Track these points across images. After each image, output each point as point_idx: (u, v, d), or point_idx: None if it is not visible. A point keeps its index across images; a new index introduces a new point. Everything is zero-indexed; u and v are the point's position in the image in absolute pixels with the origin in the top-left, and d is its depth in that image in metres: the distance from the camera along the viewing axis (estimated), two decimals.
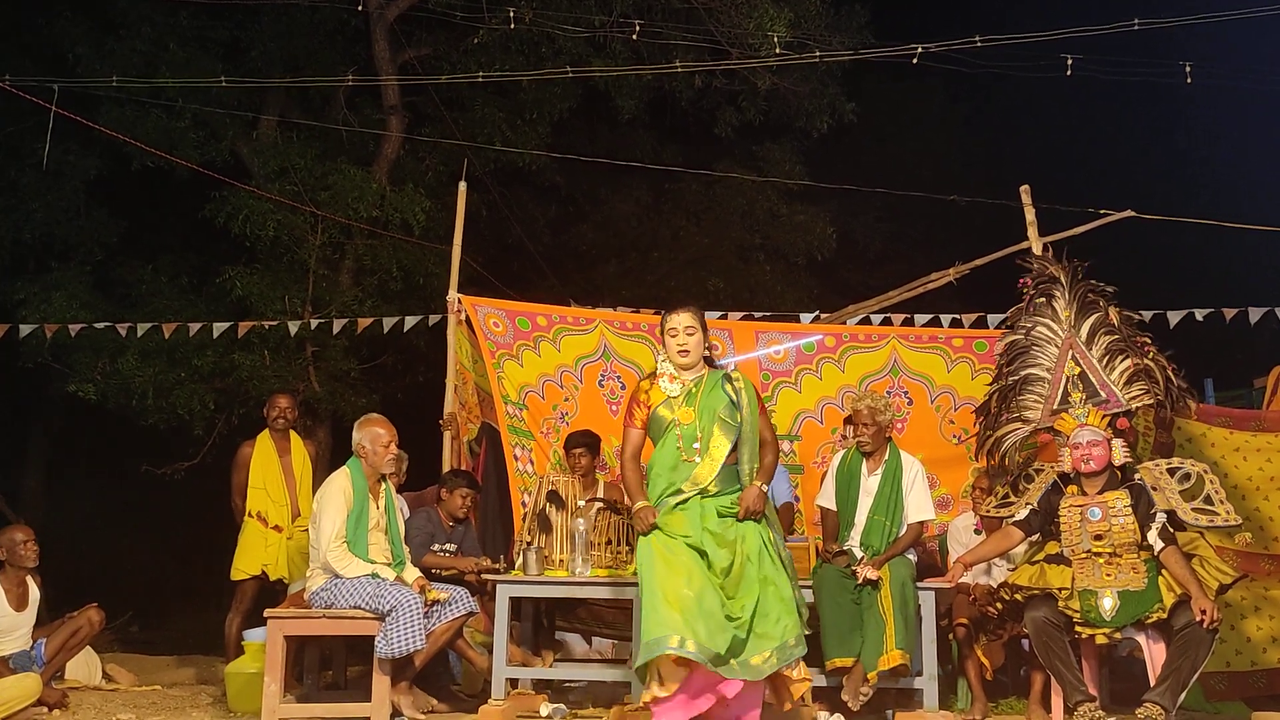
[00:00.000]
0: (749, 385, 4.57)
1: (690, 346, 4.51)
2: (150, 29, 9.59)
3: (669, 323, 4.55)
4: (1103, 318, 5.27)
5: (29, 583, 5.90)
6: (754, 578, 4.28)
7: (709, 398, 4.49)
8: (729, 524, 4.35)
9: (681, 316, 4.53)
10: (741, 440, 4.47)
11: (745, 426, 4.47)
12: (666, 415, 4.50)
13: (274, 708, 5.01)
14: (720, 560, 4.26)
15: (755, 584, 4.26)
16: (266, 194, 9.32)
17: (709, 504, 4.38)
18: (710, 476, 4.40)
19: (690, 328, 4.54)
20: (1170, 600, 4.68)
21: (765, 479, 4.47)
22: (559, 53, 10.33)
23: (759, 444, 4.52)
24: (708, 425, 4.44)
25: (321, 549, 5.14)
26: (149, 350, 9.02)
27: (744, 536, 4.33)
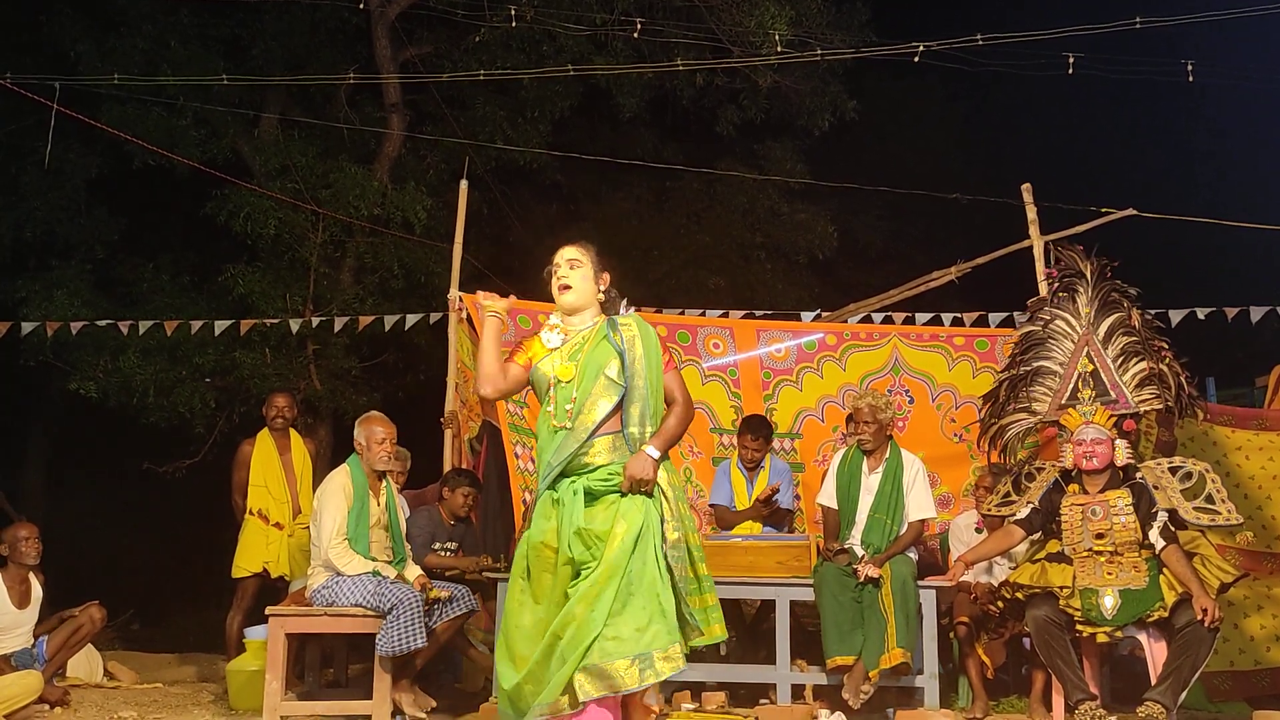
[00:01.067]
0: (646, 331, 3.72)
1: (573, 281, 3.73)
2: (151, 27, 9.58)
3: (554, 259, 3.81)
4: (1123, 318, 5.27)
5: (31, 580, 5.90)
6: (605, 579, 3.41)
7: (595, 352, 3.66)
8: (606, 506, 3.53)
9: (565, 249, 3.79)
10: (629, 398, 3.60)
11: (635, 380, 3.61)
12: (547, 372, 3.68)
13: (275, 705, 5.01)
14: (585, 562, 3.50)
15: (607, 587, 3.39)
16: (268, 192, 9.32)
17: (581, 484, 3.56)
18: (577, 447, 3.55)
19: (574, 260, 3.76)
20: (1171, 599, 4.68)
21: (663, 444, 3.59)
22: (560, 51, 10.32)
23: (658, 402, 3.67)
24: (588, 385, 3.60)
25: (322, 546, 5.15)
26: (150, 348, 9.02)
27: (619, 519, 3.48)
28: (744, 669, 5.82)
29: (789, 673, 5.46)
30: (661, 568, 3.46)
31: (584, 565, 3.45)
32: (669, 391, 3.70)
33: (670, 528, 3.52)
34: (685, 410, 3.69)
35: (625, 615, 3.36)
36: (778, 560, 5.60)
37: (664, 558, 3.48)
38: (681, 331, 7.01)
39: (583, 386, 3.60)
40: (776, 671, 5.46)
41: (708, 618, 3.61)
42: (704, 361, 6.93)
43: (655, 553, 3.46)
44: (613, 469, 3.54)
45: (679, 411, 3.68)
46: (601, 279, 3.77)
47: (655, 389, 3.64)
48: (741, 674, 5.76)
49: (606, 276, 3.79)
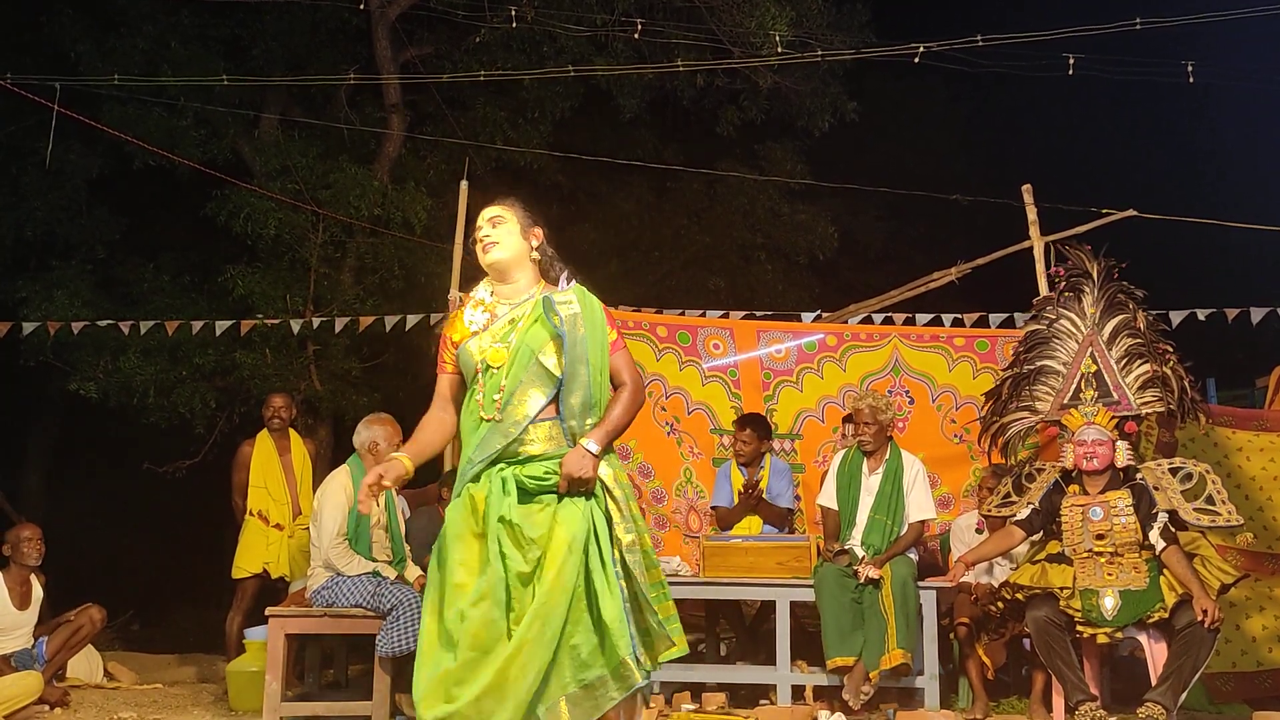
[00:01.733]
0: (590, 306, 3.24)
1: (498, 238, 3.27)
2: (152, 27, 9.57)
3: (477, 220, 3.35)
4: (1128, 320, 5.27)
5: (32, 581, 5.91)
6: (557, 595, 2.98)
7: (529, 334, 3.18)
8: (541, 508, 3.09)
9: (486, 209, 3.36)
10: (568, 388, 3.13)
11: (575, 367, 3.14)
12: (474, 355, 3.20)
13: (275, 706, 5.01)
14: (518, 564, 3.02)
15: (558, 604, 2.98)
16: (268, 192, 9.32)
17: (511, 475, 3.10)
18: (505, 443, 3.11)
19: (496, 216, 3.30)
20: (1172, 600, 4.68)
21: (605, 437, 3.15)
22: (560, 52, 10.32)
23: (603, 389, 3.21)
24: (519, 373, 3.14)
25: (323, 547, 5.15)
26: (150, 349, 9.02)
27: (558, 525, 3.05)
28: (744, 670, 5.82)
29: (789, 673, 5.46)
30: (610, 578, 3.04)
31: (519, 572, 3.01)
32: (616, 374, 3.24)
33: (622, 529, 3.10)
34: (633, 396, 3.24)
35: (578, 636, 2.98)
36: (778, 561, 5.60)
37: (618, 564, 3.07)
38: (682, 332, 7.01)
39: (513, 374, 3.14)
40: (777, 672, 5.46)
41: (674, 626, 3.17)
42: (704, 362, 6.93)
43: (602, 561, 3.04)
44: (549, 465, 3.10)
45: (625, 399, 3.22)
46: (532, 234, 3.32)
47: (599, 374, 3.19)
48: (742, 675, 5.76)
49: (539, 232, 3.34)
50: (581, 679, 2.97)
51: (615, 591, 3.03)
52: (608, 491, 3.13)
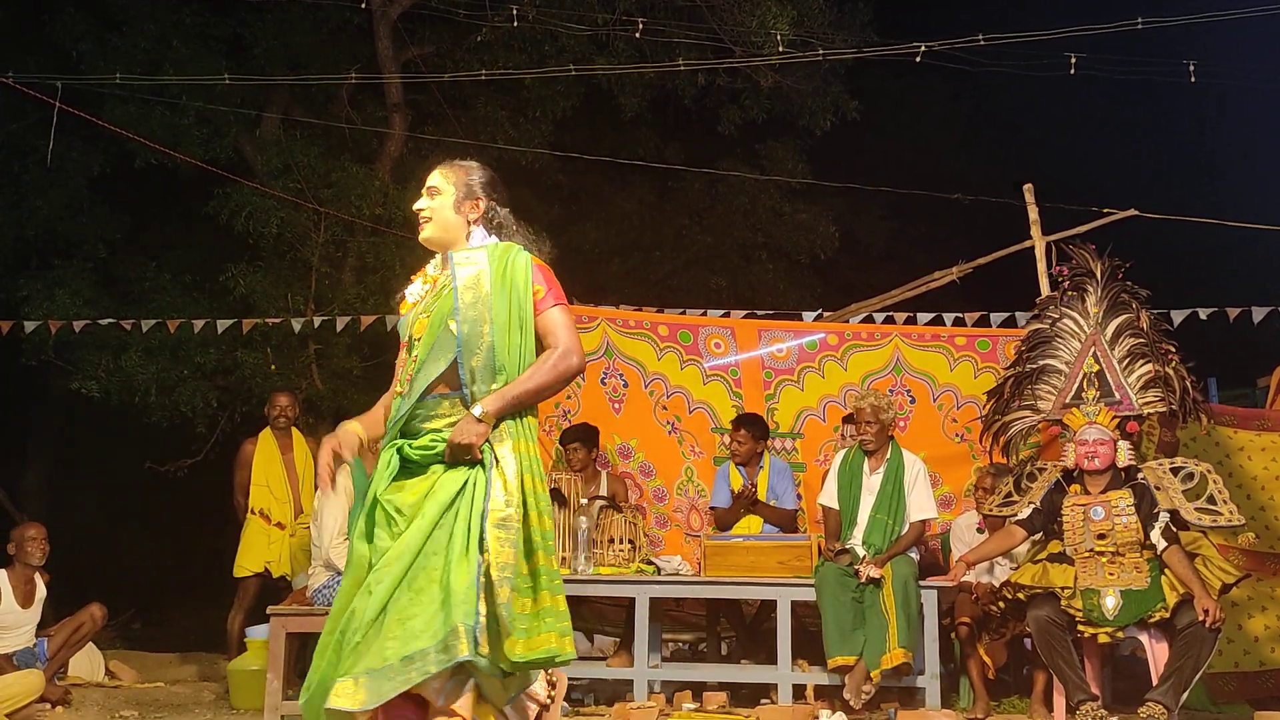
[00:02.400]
0: (506, 261, 2.95)
1: (430, 213, 3.06)
2: (154, 26, 9.58)
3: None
4: (1131, 319, 5.26)
5: (36, 580, 5.92)
6: (396, 555, 2.76)
7: (443, 300, 2.98)
8: (423, 479, 2.86)
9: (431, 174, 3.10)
10: (465, 350, 2.88)
11: (473, 328, 2.89)
12: (405, 328, 3.09)
13: (276, 705, 5.02)
14: (384, 542, 2.82)
15: (394, 565, 2.74)
16: (270, 191, 9.32)
17: (395, 450, 2.91)
18: (405, 414, 2.91)
19: (432, 187, 3.07)
20: (1173, 600, 4.68)
21: (500, 403, 2.84)
22: (562, 51, 10.32)
23: (513, 352, 2.91)
24: (430, 339, 2.94)
25: (324, 546, 5.16)
26: (152, 347, 9.02)
27: (430, 495, 2.82)
28: (745, 669, 5.83)
29: (790, 673, 5.46)
30: (471, 547, 2.72)
31: (384, 549, 2.79)
32: (545, 335, 2.94)
33: (500, 502, 2.77)
34: (558, 361, 2.89)
35: (405, 603, 2.69)
36: (779, 560, 5.60)
37: (479, 536, 2.73)
38: (683, 331, 7.02)
39: (424, 344, 2.94)
40: (778, 671, 5.46)
41: (539, 624, 2.79)
42: (705, 361, 6.93)
43: (468, 530, 2.74)
44: (439, 435, 2.86)
45: (544, 362, 2.89)
46: (469, 206, 3.04)
47: (509, 334, 2.90)
48: (743, 674, 5.77)
49: (479, 203, 3.04)
50: (405, 653, 2.63)
51: (471, 561, 2.70)
52: (496, 461, 2.81)
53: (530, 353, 2.93)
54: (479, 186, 3.06)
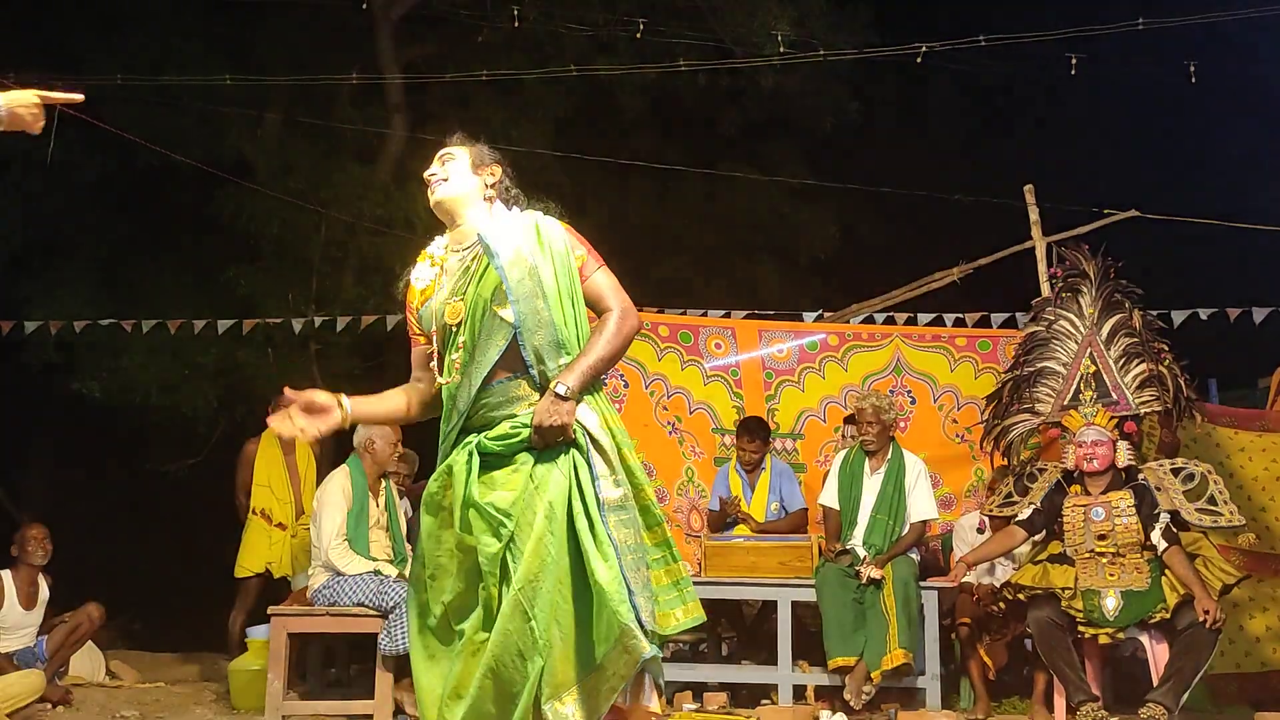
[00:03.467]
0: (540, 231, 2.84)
1: (446, 174, 2.88)
2: (156, 27, 9.60)
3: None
4: (1125, 319, 5.26)
5: (40, 581, 5.93)
6: (536, 575, 2.57)
7: (484, 282, 2.76)
8: (512, 471, 2.67)
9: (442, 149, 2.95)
10: (525, 331, 2.70)
11: (529, 305, 2.72)
12: (435, 315, 2.84)
13: (277, 705, 5.02)
14: (490, 547, 2.60)
15: (540, 585, 2.56)
16: (271, 192, 9.33)
17: (474, 446, 2.71)
18: (471, 407, 2.72)
19: (446, 154, 2.91)
20: (1174, 600, 4.68)
21: (580, 377, 2.67)
22: (563, 51, 10.33)
23: (573, 324, 2.77)
24: (476, 324, 2.74)
25: (323, 547, 5.16)
26: (153, 348, 9.03)
27: (535, 491, 2.63)
28: (746, 670, 5.83)
29: (791, 673, 5.46)
30: (602, 538, 2.58)
31: (491, 554, 2.59)
32: (597, 300, 2.81)
33: (610, 484, 2.64)
34: (620, 322, 2.76)
35: (574, 614, 2.56)
36: (779, 561, 5.60)
37: (602, 524, 2.59)
38: (684, 332, 7.02)
39: (469, 329, 2.74)
40: (778, 672, 5.47)
41: (682, 594, 2.75)
42: (706, 362, 6.94)
43: (590, 521, 2.59)
44: (519, 420, 2.68)
45: (609, 326, 2.74)
46: (486, 170, 2.91)
47: (567, 305, 2.76)
48: (743, 674, 5.76)
49: (496, 170, 2.93)
50: (586, 664, 2.54)
51: (609, 554, 2.56)
52: (591, 440, 2.66)
53: (584, 321, 2.80)
54: (489, 156, 2.96)
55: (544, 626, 2.53)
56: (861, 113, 11.54)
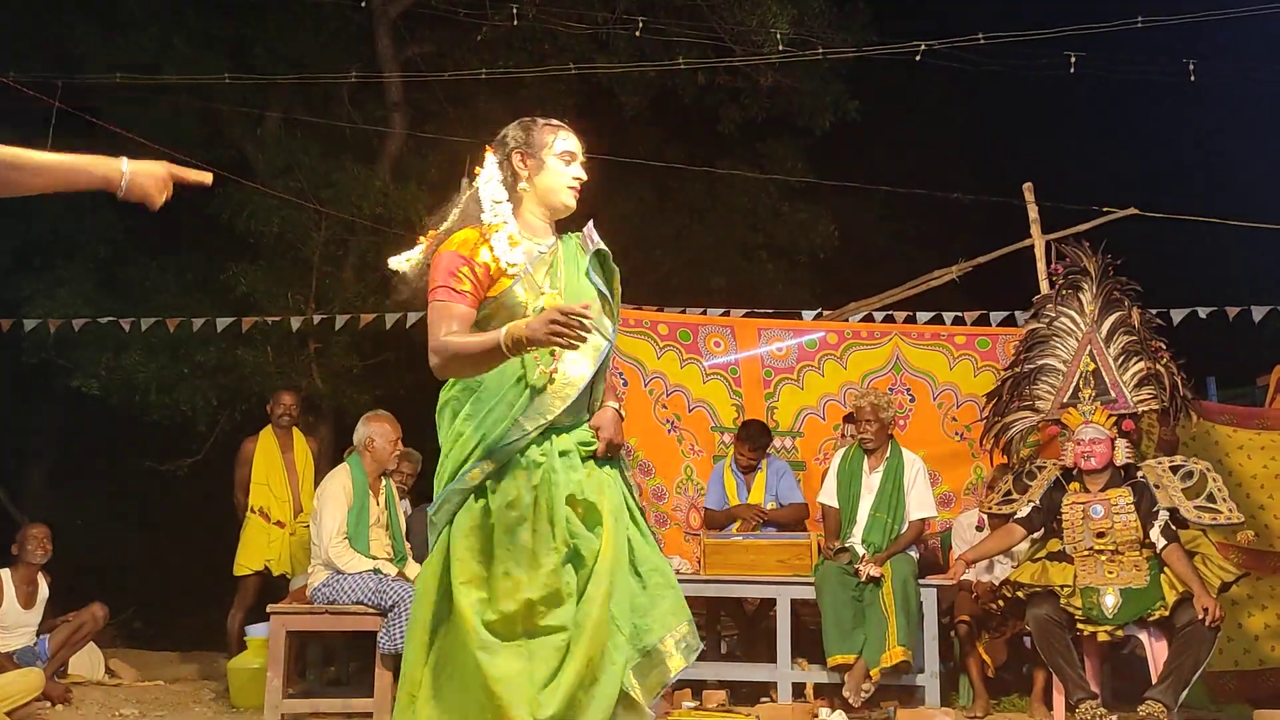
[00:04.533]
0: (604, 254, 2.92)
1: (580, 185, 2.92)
2: (155, 26, 9.59)
3: (558, 137, 2.99)
4: (1124, 316, 5.26)
5: (39, 581, 5.93)
6: (617, 567, 2.73)
7: (581, 285, 2.82)
8: (589, 474, 2.77)
9: (571, 135, 3.03)
10: (610, 342, 2.84)
11: (611, 318, 2.86)
12: (525, 300, 2.73)
13: (277, 703, 5.02)
14: (588, 543, 2.70)
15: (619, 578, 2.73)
16: (270, 191, 9.33)
17: (573, 446, 2.76)
18: (565, 408, 2.73)
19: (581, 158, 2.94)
20: (1172, 598, 4.69)
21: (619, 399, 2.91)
22: (562, 50, 10.33)
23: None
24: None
25: (323, 546, 5.16)
26: (152, 346, 9.03)
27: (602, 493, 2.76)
28: (745, 667, 5.83)
29: (790, 671, 5.47)
30: (652, 541, 2.85)
31: (587, 551, 2.69)
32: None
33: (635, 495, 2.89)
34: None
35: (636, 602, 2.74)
36: (779, 559, 5.61)
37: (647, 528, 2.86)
38: (683, 330, 7.02)
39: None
40: (777, 670, 5.47)
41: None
42: (705, 360, 6.94)
43: (638, 527, 2.82)
44: (586, 429, 2.80)
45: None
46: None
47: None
48: (742, 672, 5.77)
49: None
50: (642, 645, 2.71)
51: (659, 553, 2.85)
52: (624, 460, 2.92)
53: None
54: None
55: (623, 618, 2.69)
56: (861, 111, 11.53)
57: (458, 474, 2.70)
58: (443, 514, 2.73)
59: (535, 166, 2.90)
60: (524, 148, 2.91)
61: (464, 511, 2.70)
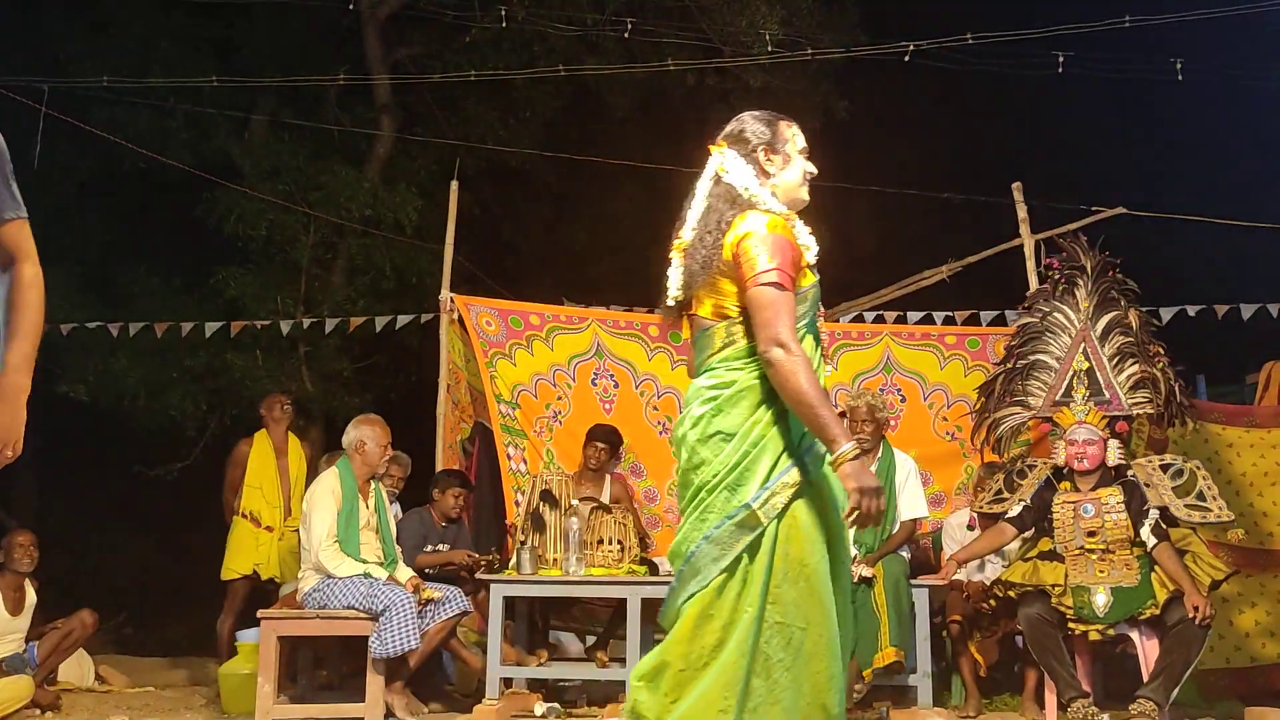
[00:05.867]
0: None
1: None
2: (141, 28, 9.56)
3: (795, 132, 3.00)
4: (1120, 317, 5.24)
5: (26, 587, 5.90)
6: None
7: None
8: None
9: (800, 137, 2.99)
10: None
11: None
12: (812, 294, 2.73)
13: (268, 709, 5.00)
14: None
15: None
16: (259, 194, 9.30)
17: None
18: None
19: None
20: (1163, 596, 4.69)
21: None
22: (551, 51, 10.32)
23: None
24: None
25: (313, 549, 5.13)
26: (141, 350, 8.99)
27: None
28: None
29: None
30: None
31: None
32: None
33: None
34: None
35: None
36: None
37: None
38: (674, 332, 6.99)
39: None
40: None
41: None
42: None
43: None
44: None
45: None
46: None
47: None
48: None
49: None
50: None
51: None
52: None
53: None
54: None
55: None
56: (850, 111, 11.55)
57: (795, 455, 2.57)
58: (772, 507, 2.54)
59: (781, 162, 2.86)
60: (770, 143, 2.85)
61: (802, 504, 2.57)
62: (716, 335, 2.69)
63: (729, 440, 2.57)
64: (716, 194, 2.77)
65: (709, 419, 2.61)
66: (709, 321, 2.72)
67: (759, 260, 2.57)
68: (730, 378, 2.63)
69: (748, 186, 2.74)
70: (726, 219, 2.69)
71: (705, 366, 2.71)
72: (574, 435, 6.48)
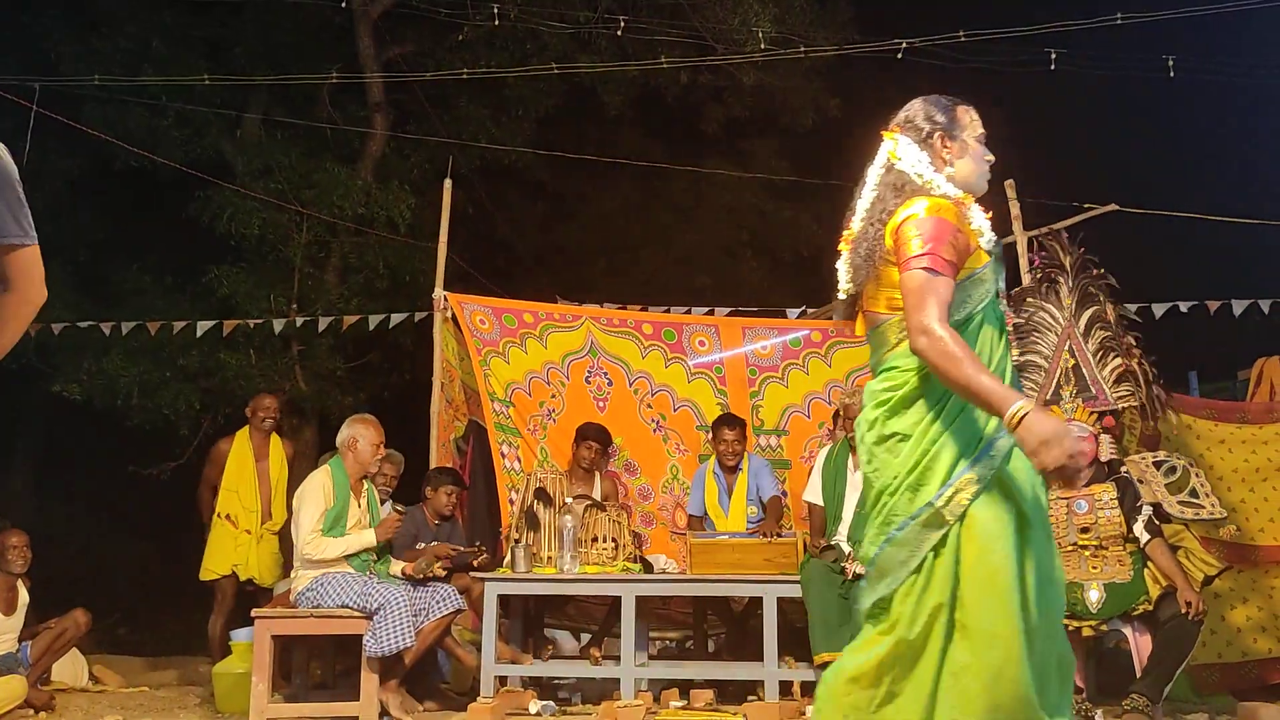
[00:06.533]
0: None
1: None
2: (133, 27, 9.53)
3: (973, 118, 2.88)
4: (1100, 312, 5.27)
5: (19, 587, 5.88)
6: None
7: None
8: None
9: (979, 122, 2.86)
10: None
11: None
12: (989, 276, 2.58)
13: (262, 708, 4.99)
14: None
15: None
16: (251, 192, 9.28)
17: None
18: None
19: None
20: (1156, 592, 4.71)
21: None
22: (544, 49, 10.32)
23: None
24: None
25: (299, 544, 5.13)
26: (134, 350, 8.97)
27: None
28: (732, 666, 5.82)
29: (777, 669, 5.46)
30: None
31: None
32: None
33: None
34: None
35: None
36: (765, 557, 5.60)
37: None
38: (667, 329, 7.01)
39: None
40: (764, 668, 5.46)
41: None
42: (690, 359, 6.94)
43: None
44: None
45: None
46: None
47: None
48: (729, 671, 5.76)
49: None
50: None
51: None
52: None
53: None
54: None
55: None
56: (843, 109, 11.57)
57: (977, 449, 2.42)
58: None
59: (959, 149, 2.75)
60: (947, 129, 2.76)
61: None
62: (890, 331, 2.60)
63: (906, 441, 2.47)
64: (886, 182, 2.69)
65: (883, 421, 2.53)
66: (883, 315, 2.62)
67: (913, 244, 2.47)
68: (902, 379, 2.54)
69: (921, 173, 2.63)
70: (890, 207, 2.62)
71: (881, 364, 2.62)
72: (568, 433, 6.49)
